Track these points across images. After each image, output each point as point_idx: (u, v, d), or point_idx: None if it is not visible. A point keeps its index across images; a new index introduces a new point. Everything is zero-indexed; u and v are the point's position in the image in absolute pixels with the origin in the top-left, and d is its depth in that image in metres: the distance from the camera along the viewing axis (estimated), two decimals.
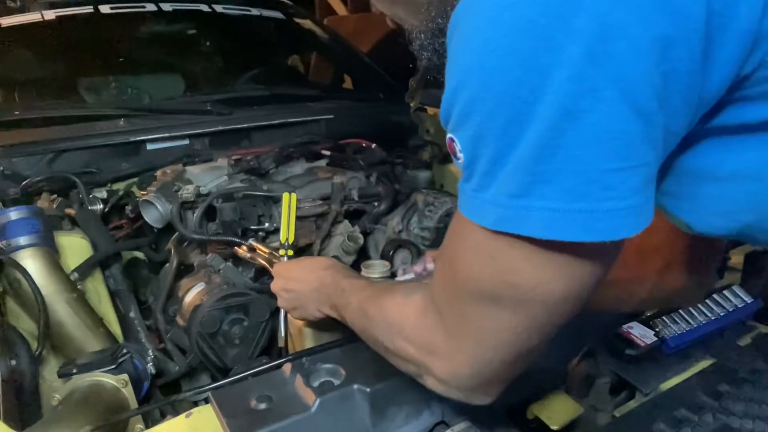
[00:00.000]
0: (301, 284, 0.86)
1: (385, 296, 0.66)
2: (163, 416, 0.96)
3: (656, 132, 0.42)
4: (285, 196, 1.12)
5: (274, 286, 0.92)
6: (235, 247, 1.15)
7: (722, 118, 0.47)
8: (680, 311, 0.90)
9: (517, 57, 0.41)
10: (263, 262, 1.09)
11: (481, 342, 0.53)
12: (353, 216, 1.33)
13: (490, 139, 0.44)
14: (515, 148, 0.43)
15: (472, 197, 0.47)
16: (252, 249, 1.12)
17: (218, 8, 2.15)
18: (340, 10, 4.90)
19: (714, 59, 0.42)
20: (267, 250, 1.09)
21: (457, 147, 0.47)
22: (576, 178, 0.42)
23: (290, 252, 1.05)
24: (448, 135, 0.48)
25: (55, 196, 1.36)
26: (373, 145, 1.62)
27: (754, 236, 0.56)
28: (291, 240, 1.07)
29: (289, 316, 1.01)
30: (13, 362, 0.91)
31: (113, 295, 1.21)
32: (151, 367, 1.00)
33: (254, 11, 2.24)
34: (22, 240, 1.05)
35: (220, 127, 1.62)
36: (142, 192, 1.34)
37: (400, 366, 0.64)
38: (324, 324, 0.93)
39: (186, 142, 1.59)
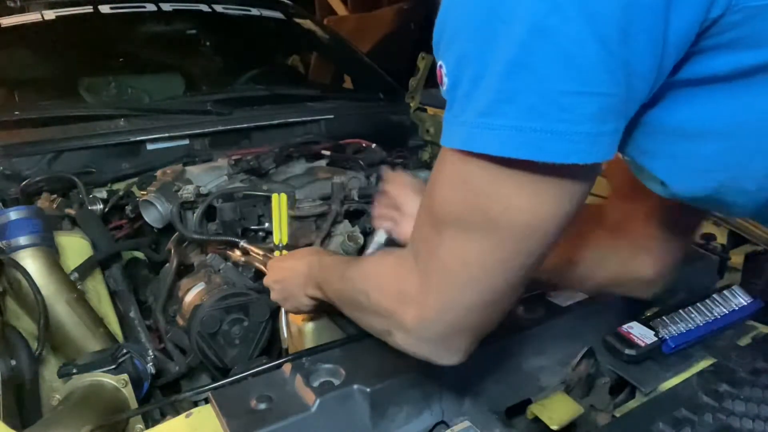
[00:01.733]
0: (290, 272, 0.87)
1: (365, 259, 0.69)
2: (163, 416, 0.96)
3: (617, 64, 0.43)
4: (275, 197, 1.12)
5: (266, 279, 0.93)
6: (228, 252, 1.15)
7: (692, 68, 0.47)
8: (680, 311, 0.90)
9: None
10: (258, 265, 1.09)
11: (450, 278, 0.53)
12: (353, 216, 1.33)
13: (470, 59, 0.46)
14: (489, 67, 0.44)
15: (450, 123, 0.49)
16: (245, 252, 1.12)
17: (218, 8, 2.15)
18: (340, 10, 4.90)
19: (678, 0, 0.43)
20: (261, 252, 1.09)
21: (444, 71, 0.49)
22: (536, 97, 0.43)
23: (285, 253, 1.05)
24: (438, 62, 0.49)
25: (55, 196, 1.36)
26: (373, 145, 1.62)
27: (728, 199, 0.55)
28: (284, 241, 1.07)
29: (289, 316, 1.01)
30: (13, 362, 0.91)
31: (113, 295, 1.22)
32: (151, 367, 1.00)
33: (254, 11, 2.24)
34: (22, 240, 1.05)
35: (220, 127, 1.62)
36: (142, 192, 1.34)
37: (373, 325, 0.65)
38: (324, 324, 0.93)
39: (186, 142, 1.59)
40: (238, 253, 1.13)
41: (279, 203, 1.11)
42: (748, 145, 0.50)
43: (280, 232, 1.08)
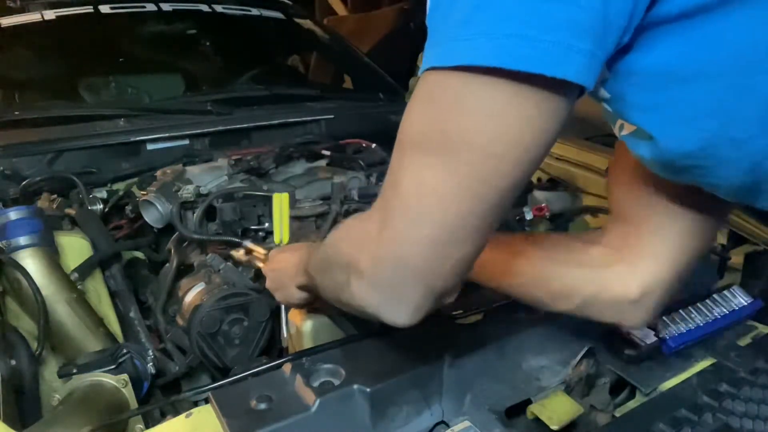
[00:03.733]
0: (284, 263, 0.87)
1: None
2: (163, 416, 0.96)
3: None
4: (276, 196, 1.12)
5: (264, 268, 0.93)
6: (232, 252, 1.15)
7: (665, 4, 0.45)
8: (680, 311, 0.90)
9: None
10: (261, 265, 1.09)
11: (405, 209, 0.50)
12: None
13: None
14: None
15: (426, 49, 0.47)
16: (248, 251, 1.12)
17: (218, 8, 2.15)
18: (340, 10, 4.90)
19: None
20: (263, 251, 1.10)
21: (428, 5, 0.48)
22: (508, 3, 0.42)
23: None
24: None
25: (55, 196, 1.36)
26: (373, 145, 1.62)
27: (721, 153, 0.52)
28: (285, 240, 1.07)
29: (289, 316, 1.01)
30: (13, 362, 0.91)
31: (113, 295, 1.21)
32: (151, 367, 1.00)
33: (254, 11, 2.24)
34: (22, 240, 1.05)
35: (220, 127, 1.62)
36: (142, 192, 1.34)
37: (336, 280, 0.61)
38: (324, 324, 0.93)
39: (186, 142, 1.59)
40: (241, 252, 1.13)
41: (280, 203, 1.11)
42: (732, 84, 0.48)
43: (281, 232, 1.08)
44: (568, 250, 0.76)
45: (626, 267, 0.71)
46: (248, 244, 1.12)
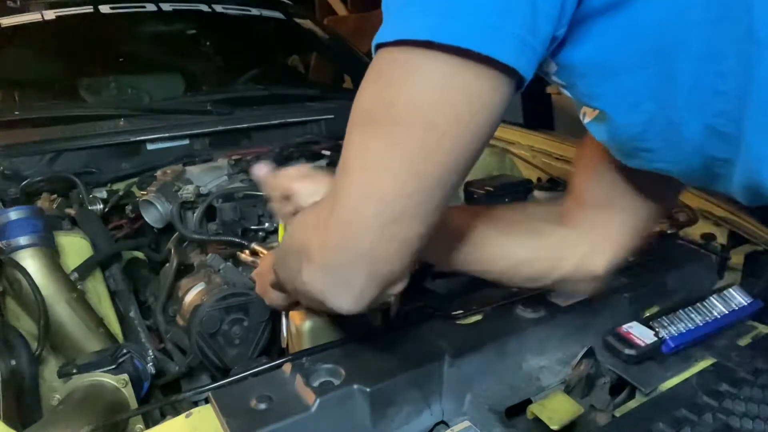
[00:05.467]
0: (266, 264, 0.87)
1: None
2: (163, 416, 0.96)
3: None
4: None
5: (253, 272, 0.94)
6: (238, 252, 1.15)
7: None
8: (680, 311, 0.90)
9: None
10: None
11: (351, 187, 0.51)
12: None
13: None
14: None
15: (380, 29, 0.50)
16: (255, 253, 1.12)
17: (218, 8, 2.15)
18: (340, 10, 4.90)
19: None
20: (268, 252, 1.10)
21: None
22: None
23: None
24: None
25: (55, 196, 1.36)
26: None
27: (664, 136, 0.55)
28: None
29: (289, 315, 1.01)
30: (13, 362, 0.91)
31: (113, 295, 1.21)
32: (151, 367, 1.00)
33: (254, 11, 2.24)
34: (22, 240, 1.05)
35: (220, 127, 1.62)
36: (142, 192, 1.34)
37: (291, 267, 0.61)
38: (323, 324, 0.93)
39: (186, 142, 1.59)
40: (247, 253, 1.13)
41: None
42: (659, 72, 0.51)
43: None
44: (533, 233, 0.79)
45: (594, 248, 0.77)
46: (255, 245, 1.13)
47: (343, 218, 0.52)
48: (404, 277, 0.57)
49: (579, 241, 0.78)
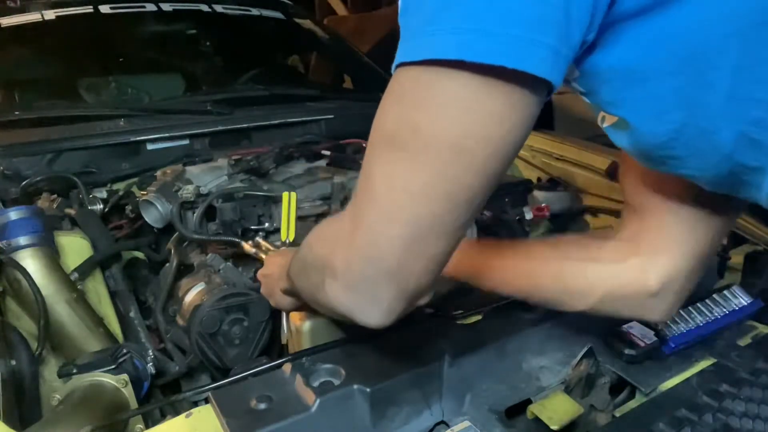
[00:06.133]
0: (273, 267, 0.87)
1: None
2: (163, 416, 0.96)
3: None
4: (285, 195, 1.12)
5: (259, 273, 0.93)
6: (242, 242, 1.15)
7: (625, 1, 0.46)
8: (680, 311, 0.90)
9: None
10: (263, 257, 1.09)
11: (376, 206, 0.50)
12: None
13: None
14: None
15: (398, 49, 0.48)
16: (257, 245, 1.13)
17: (218, 8, 2.15)
18: (340, 10, 4.90)
19: None
20: (272, 248, 1.10)
21: (399, 4, 0.49)
22: (471, 1, 0.43)
23: None
24: None
25: (55, 196, 1.36)
26: None
27: (692, 144, 0.53)
28: (291, 239, 1.07)
29: (289, 315, 1.01)
30: (13, 362, 0.91)
31: (113, 295, 1.21)
32: (151, 367, 1.00)
33: (254, 11, 2.24)
34: (22, 240, 1.05)
35: (220, 127, 1.62)
36: (142, 192, 1.34)
37: (312, 282, 0.61)
38: (323, 324, 0.93)
39: (186, 142, 1.59)
40: (249, 243, 1.13)
41: (289, 201, 1.12)
42: (692, 79, 0.49)
43: (288, 230, 1.08)
44: (582, 247, 0.76)
45: (643, 259, 0.70)
46: (260, 239, 1.13)
47: (368, 239, 0.51)
48: (431, 289, 0.56)
49: (625, 253, 0.72)
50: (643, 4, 0.46)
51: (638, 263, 0.71)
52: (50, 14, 1.87)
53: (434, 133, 0.46)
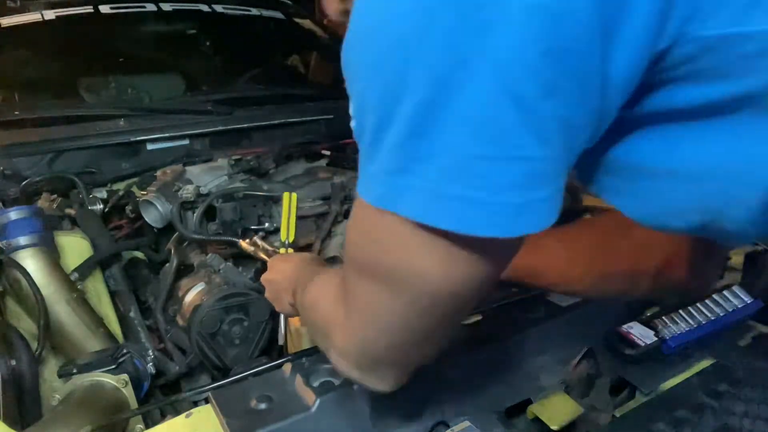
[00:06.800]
0: (281, 274, 0.86)
1: (322, 275, 0.67)
2: (163, 416, 0.96)
3: (544, 122, 0.37)
4: (285, 195, 1.12)
5: (263, 276, 0.93)
6: (240, 240, 1.15)
7: (650, 102, 0.42)
8: (680, 311, 0.90)
9: (394, 15, 0.39)
10: (264, 256, 1.09)
11: (367, 320, 0.50)
12: None
13: (370, 108, 0.42)
14: (392, 121, 0.40)
15: (361, 170, 0.44)
16: (254, 244, 1.13)
17: (218, 8, 2.14)
18: None
19: (616, 34, 0.36)
20: (270, 247, 1.10)
21: (350, 105, 0.46)
22: (448, 159, 0.38)
23: (290, 251, 1.06)
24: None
25: (55, 196, 1.36)
26: None
27: (719, 233, 0.49)
28: (291, 239, 1.07)
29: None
30: (13, 362, 0.91)
31: (113, 295, 1.21)
32: (151, 367, 1.00)
33: (254, 11, 2.24)
34: (22, 240, 1.05)
35: (220, 127, 1.62)
36: (142, 192, 1.34)
37: (317, 341, 0.63)
38: None
39: (186, 142, 1.59)
40: (247, 241, 1.13)
41: (289, 202, 1.12)
42: (721, 190, 0.44)
43: (288, 231, 1.08)
44: (627, 250, 0.76)
45: (682, 267, 0.73)
46: (257, 239, 1.13)
47: (364, 342, 0.52)
48: (440, 351, 0.56)
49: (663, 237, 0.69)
50: (665, 111, 0.42)
51: (674, 271, 0.73)
52: (50, 14, 1.87)
53: (413, 282, 0.44)
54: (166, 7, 2.03)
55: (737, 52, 0.38)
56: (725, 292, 0.95)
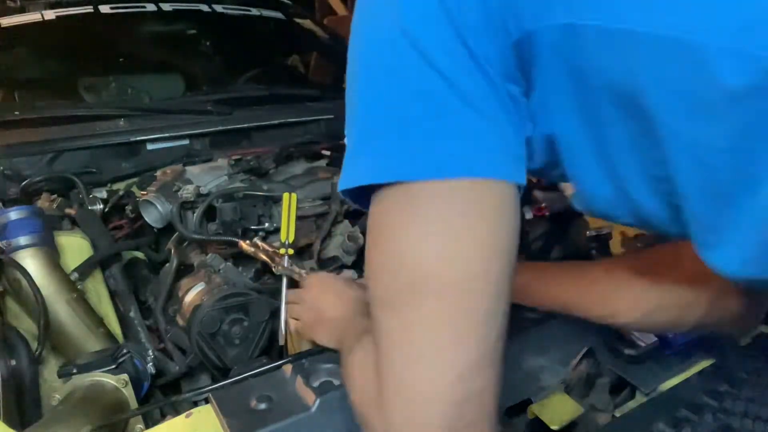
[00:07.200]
0: (330, 310, 0.81)
1: (357, 347, 0.60)
2: (163, 416, 0.96)
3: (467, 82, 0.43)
4: (285, 196, 1.12)
5: (304, 294, 0.88)
6: (240, 241, 1.15)
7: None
8: None
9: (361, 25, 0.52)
10: (265, 257, 1.09)
11: (402, 366, 0.44)
12: (353, 216, 1.33)
13: (348, 118, 0.49)
14: (356, 111, 0.48)
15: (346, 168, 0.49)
16: (255, 245, 1.13)
17: (218, 8, 2.15)
18: (340, 10, 4.91)
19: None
20: (270, 248, 1.10)
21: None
22: (399, 122, 0.44)
23: (290, 251, 1.05)
24: None
25: (55, 196, 1.36)
26: None
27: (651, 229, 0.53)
28: (291, 239, 1.07)
29: (288, 315, 1.01)
30: (13, 362, 0.91)
31: (113, 295, 1.21)
32: (151, 367, 1.00)
33: (254, 11, 2.24)
34: (22, 240, 1.05)
35: (220, 127, 1.62)
36: (142, 192, 1.34)
37: (356, 414, 0.56)
38: None
39: (186, 142, 1.59)
40: (247, 242, 1.13)
41: (289, 203, 1.12)
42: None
43: (288, 231, 1.08)
44: (679, 281, 0.72)
45: (733, 298, 0.68)
46: (258, 240, 1.13)
47: (407, 407, 0.44)
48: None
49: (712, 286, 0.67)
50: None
51: (728, 301, 0.68)
52: (50, 14, 1.87)
53: (427, 272, 0.43)
54: (166, 7, 2.03)
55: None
56: None
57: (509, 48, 0.45)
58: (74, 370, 0.89)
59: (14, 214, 1.06)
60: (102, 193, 1.39)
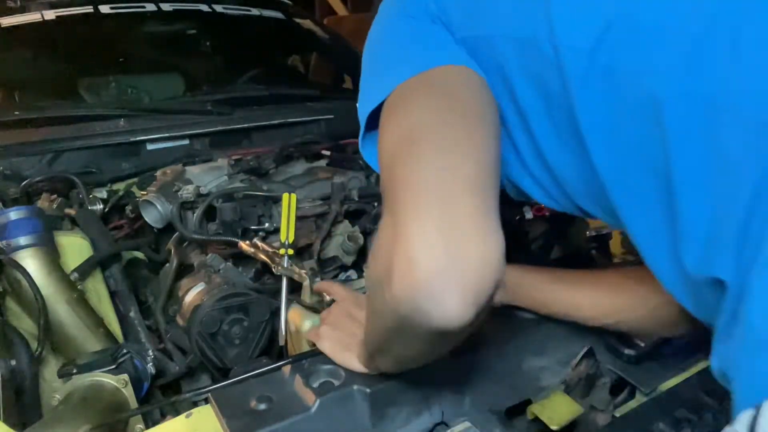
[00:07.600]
0: (350, 327, 0.78)
1: None
2: (163, 416, 0.96)
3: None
4: (285, 196, 1.12)
5: (336, 311, 0.84)
6: (240, 242, 1.15)
7: None
8: None
9: None
10: (264, 257, 1.09)
11: (414, 188, 0.52)
12: (353, 216, 1.33)
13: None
14: (377, 54, 0.74)
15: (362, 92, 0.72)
16: (254, 245, 1.12)
17: (218, 8, 2.15)
18: (340, 10, 4.91)
19: None
20: (270, 248, 1.10)
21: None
22: (405, 47, 0.70)
23: (290, 251, 1.05)
24: None
25: (55, 196, 1.36)
26: None
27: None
28: (291, 240, 1.07)
29: (288, 315, 1.01)
30: (13, 362, 0.91)
31: (113, 295, 1.21)
32: (151, 367, 1.00)
33: (254, 11, 2.24)
34: (22, 240, 1.05)
35: (220, 127, 1.62)
36: (142, 192, 1.34)
37: (376, 306, 0.57)
38: None
39: (186, 142, 1.59)
40: (247, 243, 1.13)
41: (288, 203, 1.12)
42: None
43: (288, 231, 1.08)
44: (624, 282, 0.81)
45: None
46: (258, 241, 1.12)
47: (435, 229, 0.48)
48: (502, 270, 0.49)
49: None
50: None
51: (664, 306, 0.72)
52: (50, 14, 1.87)
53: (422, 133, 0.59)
54: (166, 7, 2.04)
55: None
56: None
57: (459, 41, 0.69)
58: (74, 370, 0.89)
59: (14, 214, 1.06)
60: (102, 193, 1.39)
